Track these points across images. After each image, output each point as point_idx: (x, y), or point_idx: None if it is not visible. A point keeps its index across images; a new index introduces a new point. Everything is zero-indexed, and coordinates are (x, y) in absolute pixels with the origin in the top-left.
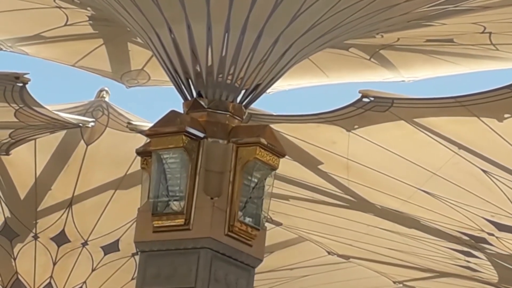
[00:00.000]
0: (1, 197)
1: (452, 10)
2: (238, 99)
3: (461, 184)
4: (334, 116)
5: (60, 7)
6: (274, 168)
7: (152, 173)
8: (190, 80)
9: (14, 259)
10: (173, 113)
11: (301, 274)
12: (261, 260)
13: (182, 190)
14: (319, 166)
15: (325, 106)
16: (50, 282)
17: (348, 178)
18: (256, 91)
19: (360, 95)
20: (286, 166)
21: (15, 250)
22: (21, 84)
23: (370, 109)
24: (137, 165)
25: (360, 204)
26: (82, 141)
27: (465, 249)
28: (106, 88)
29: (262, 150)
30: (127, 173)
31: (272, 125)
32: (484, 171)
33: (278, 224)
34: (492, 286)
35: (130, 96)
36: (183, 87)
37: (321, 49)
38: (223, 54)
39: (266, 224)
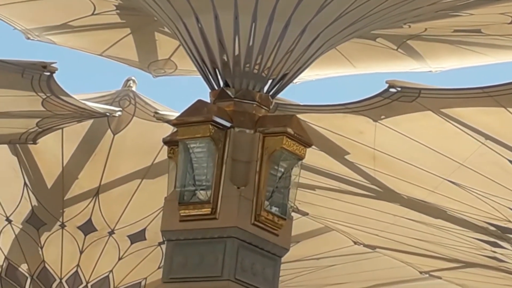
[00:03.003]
0: (29, 186)
1: (479, 0)
2: (265, 89)
3: (488, 175)
4: (361, 106)
5: None
6: (300, 158)
7: (179, 163)
8: (217, 70)
9: (41, 248)
10: (200, 103)
11: (327, 264)
12: (287, 250)
13: (209, 180)
14: (346, 156)
15: (352, 96)
16: (76, 271)
17: (375, 168)
18: (283, 81)
19: (387, 85)
20: (313, 156)
21: (42, 238)
22: (48, 73)
23: (397, 99)
24: (164, 154)
25: (387, 194)
26: (109, 131)
27: (492, 239)
28: (133, 78)
29: (289, 140)
30: (154, 163)
31: (298, 115)
32: (511, 162)
33: (305, 213)
34: None
35: (157, 85)
36: (210, 76)
37: (348, 39)
38: (250, 43)
39: (293, 213)
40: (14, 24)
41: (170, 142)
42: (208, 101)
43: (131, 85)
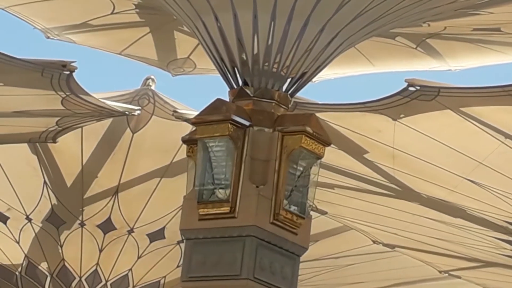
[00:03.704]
0: (48, 184)
1: None
2: (284, 87)
3: (508, 174)
4: (380, 105)
5: None
6: (319, 157)
7: (198, 161)
8: (236, 69)
9: (61, 246)
10: (219, 102)
11: (346, 263)
12: (306, 249)
13: (228, 178)
14: (365, 155)
15: (371, 95)
16: (96, 269)
17: (394, 167)
18: (302, 79)
19: (406, 84)
20: (332, 154)
21: (62, 237)
22: (68, 72)
23: (416, 98)
24: (182, 153)
25: (406, 193)
26: (128, 129)
27: (511, 238)
28: (152, 76)
29: (308, 139)
30: (173, 161)
31: (317, 114)
32: None
33: (323, 212)
34: None
35: (176, 84)
36: (229, 75)
37: (367, 37)
38: (269, 42)
39: (311, 212)
40: (34, 24)
41: (189, 141)
42: (227, 100)
43: (150, 84)
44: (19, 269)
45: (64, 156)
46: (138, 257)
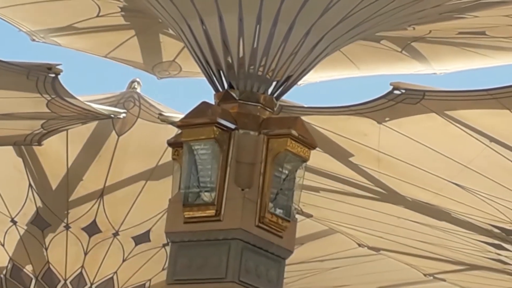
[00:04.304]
0: (33, 187)
1: (484, 2)
2: (269, 90)
3: (492, 177)
4: (365, 108)
5: None
6: (305, 160)
7: (183, 164)
8: (221, 72)
9: (46, 249)
10: (204, 105)
11: (331, 266)
12: (291, 252)
13: (213, 181)
14: (350, 158)
15: (356, 98)
16: (81, 272)
17: (379, 170)
18: (287, 82)
19: (391, 87)
20: (317, 158)
21: (47, 240)
22: (53, 75)
23: (401, 101)
24: (168, 156)
25: (391, 197)
26: (113, 132)
27: (496, 242)
28: (137, 79)
29: (293, 142)
30: (158, 164)
31: (303, 117)
32: None
33: (309, 215)
34: None
35: (162, 87)
36: (214, 78)
37: (353, 41)
38: (255, 45)
39: (297, 215)
40: (19, 26)
41: (174, 144)
42: (213, 103)
43: (136, 86)
44: (4, 272)
45: (49, 159)
46: (123, 260)
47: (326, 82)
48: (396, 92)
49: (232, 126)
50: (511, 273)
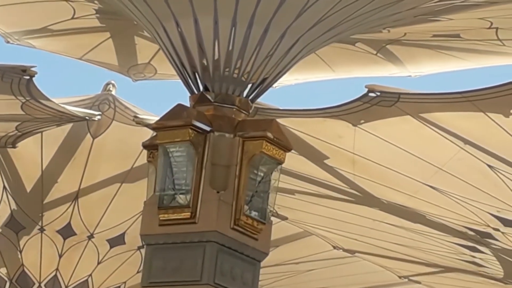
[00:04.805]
0: (8, 189)
1: (459, 5)
2: (245, 93)
3: (467, 179)
4: (340, 111)
5: (67, 0)
6: (280, 162)
7: (158, 167)
8: (196, 74)
9: (20, 252)
10: (179, 107)
11: (307, 268)
12: (266, 254)
13: (188, 184)
14: (325, 161)
15: (332, 101)
16: (56, 275)
17: (354, 172)
18: (263, 85)
19: (366, 89)
20: (292, 160)
21: (21, 242)
22: (28, 77)
23: (376, 104)
24: (143, 158)
25: (366, 199)
26: (88, 134)
27: (471, 244)
28: (112, 82)
29: (269, 144)
30: (134, 167)
31: (278, 120)
32: (490, 166)
33: (284, 218)
34: (497, 281)
35: (137, 89)
36: (189, 81)
37: (328, 43)
38: (230, 48)
39: (272, 218)
40: None
41: (149, 146)
42: (188, 105)
43: (111, 89)
44: None
45: (24, 161)
46: (98, 263)
47: (302, 85)
48: (371, 94)
49: (208, 128)
50: (486, 275)
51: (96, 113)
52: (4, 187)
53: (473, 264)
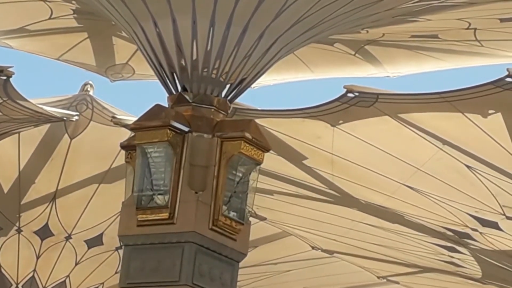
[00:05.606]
0: None
1: (437, 6)
2: (223, 93)
3: (445, 180)
4: (319, 111)
5: (44, 1)
6: (258, 163)
7: (136, 167)
8: (175, 74)
9: None
10: (157, 107)
11: (285, 269)
12: (245, 255)
13: (167, 184)
14: (304, 161)
15: (310, 101)
16: (33, 276)
17: (333, 173)
18: (241, 85)
19: (345, 90)
20: (271, 160)
21: None
22: (5, 77)
23: (354, 104)
24: (121, 159)
25: (344, 199)
26: (66, 135)
27: (449, 244)
28: (90, 82)
29: (247, 145)
30: (111, 167)
31: (257, 120)
32: (468, 167)
33: (263, 218)
34: (475, 281)
35: (115, 90)
36: (167, 81)
37: (306, 44)
38: (208, 48)
39: (251, 218)
40: None
41: (127, 147)
42: (166, 105)
43: (89, 89)
44: None
45: (1, 162)
46: (76, 264)
47: (280, 85)
48: (350, 95)
49: (186, 129)
50: (464, 275)
51: (74, 113)
52: None
53: (451, 264)
